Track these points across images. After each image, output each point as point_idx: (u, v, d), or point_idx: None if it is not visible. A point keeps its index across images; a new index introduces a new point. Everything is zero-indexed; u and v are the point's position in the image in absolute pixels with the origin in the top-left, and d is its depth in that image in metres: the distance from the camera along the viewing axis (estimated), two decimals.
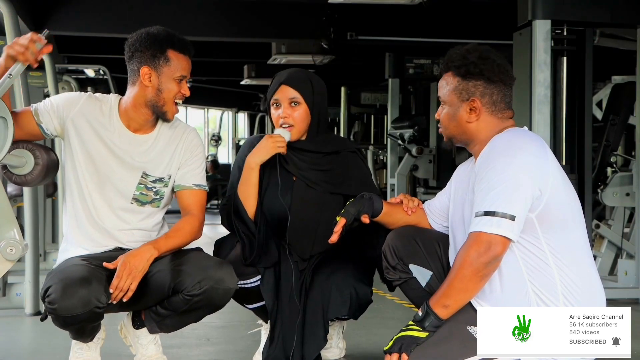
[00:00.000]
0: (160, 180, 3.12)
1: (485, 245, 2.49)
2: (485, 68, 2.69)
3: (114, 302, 2.92)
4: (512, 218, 2.49)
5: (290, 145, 3.28)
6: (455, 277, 2.54)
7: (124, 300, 2.91)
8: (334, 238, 2.88)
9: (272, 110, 3.32)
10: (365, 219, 2.90)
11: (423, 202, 3.03)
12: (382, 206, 2.94)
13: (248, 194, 3.24)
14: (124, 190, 3.08)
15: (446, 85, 2.75)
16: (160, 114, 3.09)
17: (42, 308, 3.19)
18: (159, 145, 3.12)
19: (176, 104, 3.09)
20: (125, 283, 2.90)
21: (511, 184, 2.52)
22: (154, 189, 3.12)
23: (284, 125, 3.28)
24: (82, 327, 2.99)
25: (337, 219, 2.89)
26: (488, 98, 2.70)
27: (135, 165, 3.09)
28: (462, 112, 2.72)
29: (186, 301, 2.98)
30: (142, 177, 3.10)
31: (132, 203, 3.10)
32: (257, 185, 3.24)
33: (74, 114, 3.06)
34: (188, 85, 3.12)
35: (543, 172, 2.56)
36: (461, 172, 2.86)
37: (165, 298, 3.02)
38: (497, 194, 2.52)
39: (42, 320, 3.22)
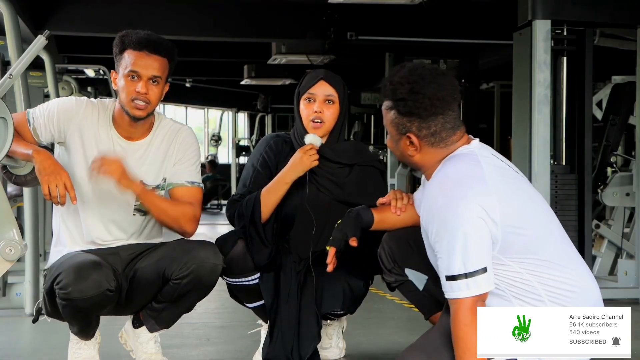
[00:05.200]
0: (157, 187, 3.11)
1: (467, 308, 2.37)
2: (415, 106, 2.49)
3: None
4: (484, 270, 2.37)
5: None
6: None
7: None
8: (330, 269, 2.88)
9: (303, 105, 3.31)
10: (353, 243, 2.83)
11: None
12: (372, 217, 2.89)
13: (270, 202, 3.23)
14: (125, 204, 3.07)
15: (386, 115, 2.59)
16: (129, 116, 3.00)
17: (35, 309, 3.17)
18: (152, 150, 3.08)
19: (134, 101, 2.95)
20: (106, 168, 2.88)
21: (462, 241, 2.36)
22: None
23: (315, 120, 3.28)
24: (90, 315, 2.98)
25: (327, 248, 2.87)
26: (425, 131, 2.52)
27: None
28: (402, 145, 2.57)
29: (176, 286, 2.99)
30: None
31: (134, 214, 3.10)
32: (281, 197, 3.25)
33: (73, 128, 3.03)
34: (153, 83, 2.96)
35: (489, 207, 2.39)
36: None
37: (158, 291, 3.04)
38: (455, 255, 2.37)
39: (34, 322, 3.20)
